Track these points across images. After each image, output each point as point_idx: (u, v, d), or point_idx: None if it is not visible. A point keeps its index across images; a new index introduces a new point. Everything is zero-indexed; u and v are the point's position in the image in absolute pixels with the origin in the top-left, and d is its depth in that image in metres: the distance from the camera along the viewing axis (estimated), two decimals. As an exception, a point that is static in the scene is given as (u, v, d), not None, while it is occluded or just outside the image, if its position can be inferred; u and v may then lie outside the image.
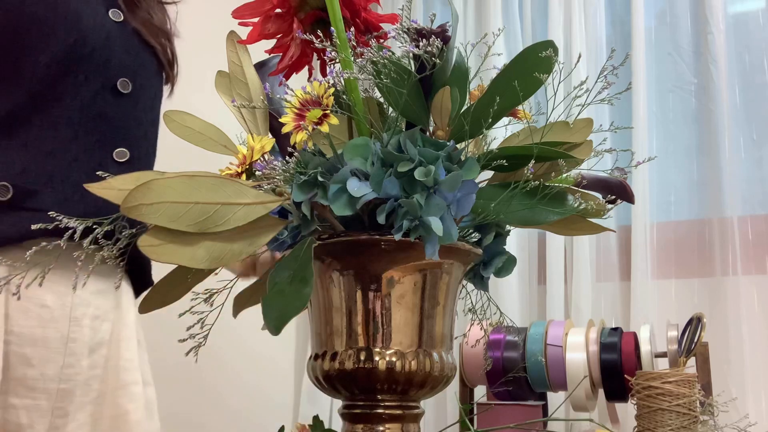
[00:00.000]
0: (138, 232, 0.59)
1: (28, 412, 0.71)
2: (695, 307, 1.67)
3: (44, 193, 0.71)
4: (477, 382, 1.51)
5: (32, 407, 0.72)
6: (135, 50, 0.84)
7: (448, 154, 0.56)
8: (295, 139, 0.57)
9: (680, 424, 0.90)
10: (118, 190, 0.55)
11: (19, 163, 0.72)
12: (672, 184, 1.86)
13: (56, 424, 0.73)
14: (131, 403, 0.79)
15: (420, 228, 0.54)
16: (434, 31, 0.60)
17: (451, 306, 0.63)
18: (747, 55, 1.82)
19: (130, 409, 0.79)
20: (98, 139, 0.78)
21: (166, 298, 0.66)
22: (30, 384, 0.71)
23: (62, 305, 0.73)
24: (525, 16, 2.03)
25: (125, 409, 0.78)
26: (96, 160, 0.76)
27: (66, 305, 0.74)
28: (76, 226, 0.59)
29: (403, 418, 0.61)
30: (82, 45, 0.76)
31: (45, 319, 0.72)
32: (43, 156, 0.73)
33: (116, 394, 0.78)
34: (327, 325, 0.61)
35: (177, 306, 0.67)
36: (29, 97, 0.73)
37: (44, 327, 0.72)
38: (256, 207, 0.56)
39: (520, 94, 0.61)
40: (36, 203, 0.69)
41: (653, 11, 1.94)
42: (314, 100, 0.58)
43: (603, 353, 1.38)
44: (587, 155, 0.65)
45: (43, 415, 0.73)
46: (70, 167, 0.74)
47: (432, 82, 0.61)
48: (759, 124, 1.80)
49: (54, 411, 0.73)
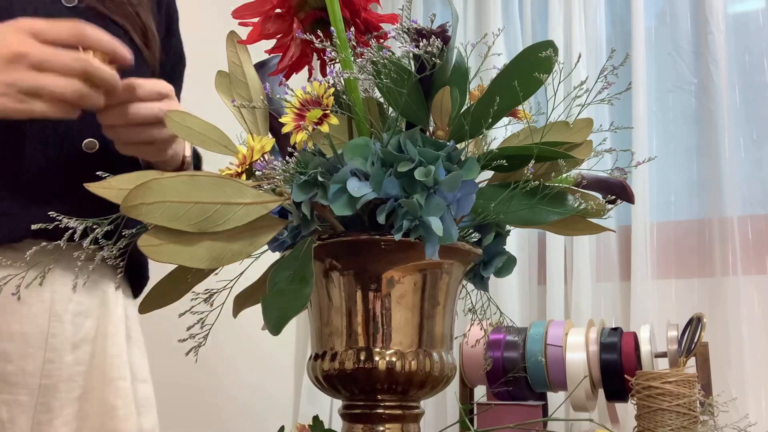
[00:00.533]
0: (138, 232, 0.59)
1: (9, 407, 0.71)
2: (695, 307, 1.67)
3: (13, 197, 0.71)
4: (477, 382, 1.51)
5: (12, 402, 0.71)
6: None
7: (448, 154, 0.56)
8: (295, 139, 0.57)
9: (680, 424, 0.90)
10: (118, 189, 0.55)
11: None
12: (672, 184, 1.86)
13: (40, 420, 0.73)
14: (118, 399, 0.79)
15: (420, 228, 0.55)
16: (434, 31, 0.60)
17: (451, 306, 0.63)
18: (747, 55, 1.82)
19: (117, 404, 0.78)
20: (65, 130, 0.76)
21: (166, 298, 0.66)
22: (9, 379, 0.71)
23: (40, 301, 0.73)
24: (525, 16, 2.03)
25: (112, 405, 0.78)
26: (65, 152, 0.75)
27: (44, 301, 0.73)
28: (76, 226, 0.59)
29: (403, 418, 0.61)
30: None
31: (22, 314, 0.72)
32: (11, 159, 0.72)
33: (103, 390, 0.78)
34: (327, 325, 0.61)
35: (178, 306, 0.67)
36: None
37: (21, 323, 0.72)
38: (256, 207, 0.56)
39: (520, 94, 0.61)
40: (4, 207, 0.69)
41: (653, 11, 1.94)
42: (314, 100, 0.58)
43: (603, 353, 1.38)
44: (587, 155, 0.65)
45: (25, 411, 0.72)
46: (40, 167, 0.73)
47: (432, 82, 0.61)
48: (759, 124, 1.80)
49: (37, 407, 0.73)
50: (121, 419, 0.78)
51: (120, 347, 0.81)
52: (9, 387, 0.71)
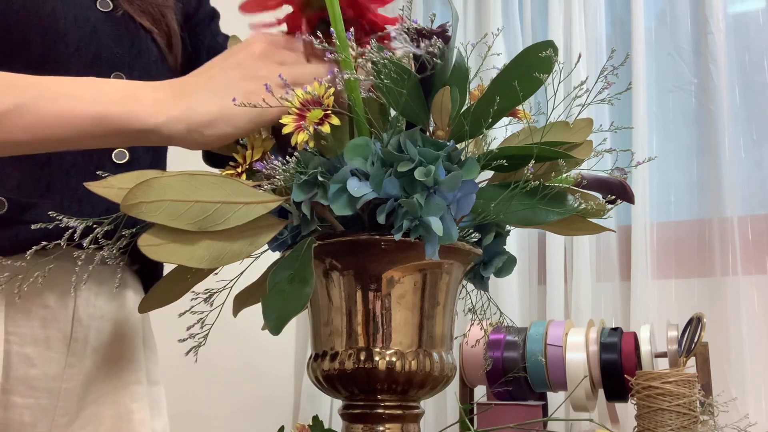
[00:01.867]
0: (138, 231, 0.59)
1: (31, 411, 0.72)
2: (695, 307, 1.67)
3: (42, 204, 0.70)
4: (477, 382, 1.51)
5: (35, 406, 0.72)
6: (128, 39, 0.79)
7: (448, 154, 0.56)
8: (296, 139, 0.57)
9: (680, 424, 0.90)
10: (118, 188, 0.55)
11: (14, 177, 0.71)
12: (672, 184, 1.86)
13: (59, 423, 0.73)
14: (134, 403, 0.79)
15: (420, 228, 0.55)
16: (434, 31, 0.61)
17: (451, 306, 0.63)
18: (747, 55, 1.82)
19: (133, 408, 0.79)
20: None
21: (166, 298, 0.66)
22: (33, 383, 0.71)
23: (64, 305, 0.73)
24: (525, 16, 2.03)
25: (129, 409, 0.78)
26: (94, 163, 0.74)
27: (68, 306, 0.74)
28: (76, 225, 0.59)
29: (403, 418, 0.61)
30: (63, 46, 0.72)
31: (47, 319, 0.72)
32: (39, 167, 0.72)
33: (119, 394, 0.78)
34: (327, 325, 0.61)
35: (178, 305, 0.67)
36: None
37: (46, 327, 0.72)
38: (256, 206, 0.56)
39: (520, 94, 0.61)
40: (33, 215, 0.69)
41: (653, 11, 1.94)
42: (315, 100, 0.58)
43: (603, 353, 1.38)
44: (587, 155, 0.65)
45: (46, 414, 0.73)
46: (68, 174, 0.73)
47: (432, 82, 0.61)
48: (759, 124, 1.80)
49: (57, 410, 0.73)
50: (137, 423, 0.79)
51: (137, 351, 0.81)
52: (32, 391, 0.71)
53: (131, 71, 0.78)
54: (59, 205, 0.68)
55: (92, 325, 0.75)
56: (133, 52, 0.79)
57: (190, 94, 0.61)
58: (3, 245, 0.68)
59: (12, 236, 0.68)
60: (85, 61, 0.74)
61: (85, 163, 0.74)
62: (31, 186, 0.71)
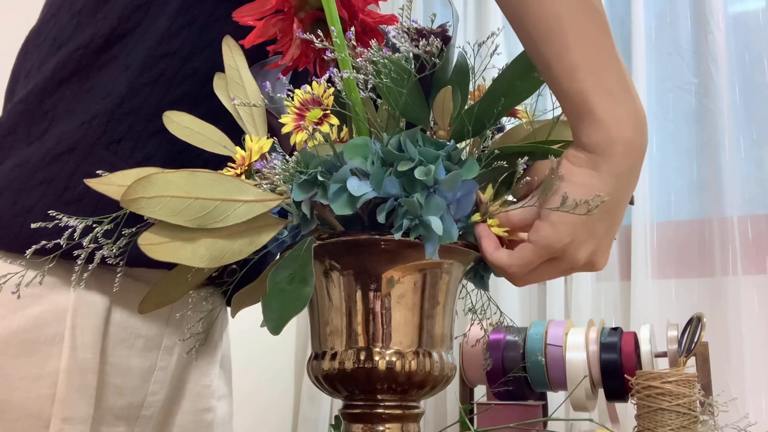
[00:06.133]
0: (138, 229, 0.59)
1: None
2: (695, 307, 1.67)
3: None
4: (477, 382, 1.51)
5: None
6: None
7: (448, 154, 0.56)
8: (296, 139, 0.57)
9: (680, 424, 0.90)
10: (118, 186, 0.55)
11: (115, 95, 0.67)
12: (672, 184, 1.86)
13: None
14: (198, 429, 0.78)
15: (420, 227, 0.54)
16: (434, 31, 0.60)
17: (451, 306, 0.63)
18: (747, 55, 1.82)
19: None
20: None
21: (166, 297, 0.66)
22: (117, 413, 0.70)
23: (156, 335, 0.72)
24: (525, 16, 2.03)
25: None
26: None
27: (160, 335, 0.72)
28: (76, 224, 0.59)
29: (403, 418, 0.61)
30: None
31: (138, 348, 0.71)
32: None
33: (186, 417, 0.77)
34: (327, 325, 0.61)
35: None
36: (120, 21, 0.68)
37: (138, 357, 0.71)
38: (256, 205, 0.56)
39: (521, 93, 0.61)
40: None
41: (653, 11, 1.94)
42: (314, 99, 0.58)
43: (603, 353, 1.38)
44: (587, 155, 0.65)
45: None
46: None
47: (433, 82, 0.61)
48: (759, 124, 1.80)
49: None
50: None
51: (211, 377, 0.80)
52: (114, 419, 0.70)
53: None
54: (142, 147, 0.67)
55: (178, 352, 0.74)
56: None
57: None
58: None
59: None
60: None
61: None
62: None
